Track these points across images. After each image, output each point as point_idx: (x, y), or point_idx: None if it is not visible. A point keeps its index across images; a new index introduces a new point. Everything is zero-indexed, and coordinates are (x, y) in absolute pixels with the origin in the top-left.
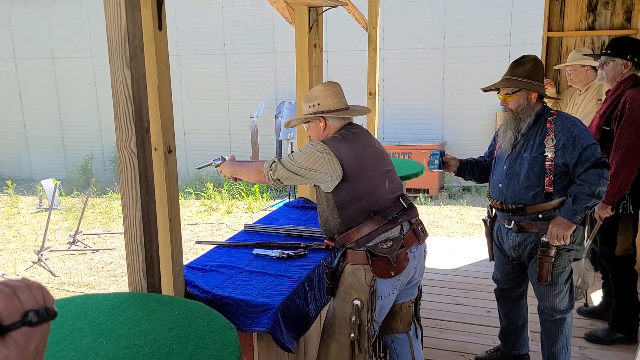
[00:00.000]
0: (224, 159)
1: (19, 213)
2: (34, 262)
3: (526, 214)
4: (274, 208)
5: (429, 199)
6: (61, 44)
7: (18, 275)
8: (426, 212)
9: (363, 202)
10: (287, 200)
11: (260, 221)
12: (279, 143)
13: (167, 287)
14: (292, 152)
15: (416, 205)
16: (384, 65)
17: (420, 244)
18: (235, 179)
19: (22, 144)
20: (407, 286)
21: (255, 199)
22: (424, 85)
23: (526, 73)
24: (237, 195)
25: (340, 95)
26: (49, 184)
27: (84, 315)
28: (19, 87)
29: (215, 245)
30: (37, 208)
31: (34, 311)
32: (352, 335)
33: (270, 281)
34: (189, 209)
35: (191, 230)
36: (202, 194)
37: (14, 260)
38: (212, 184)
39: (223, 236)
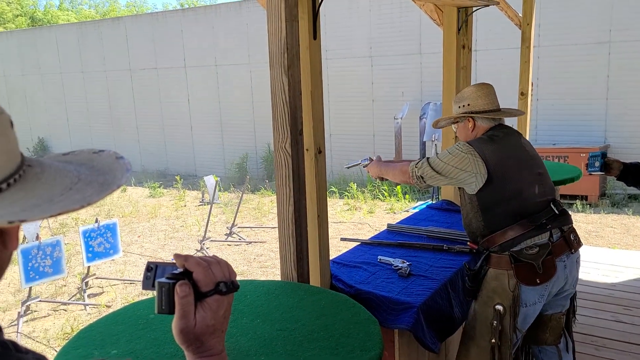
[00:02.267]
0: (371, 160)
1: (185, 206)
2: (197, 250)
3: None
4: (417, 210)
5: (588, 206)
6: (223, 53)
7: None
8: (583, 221)
9: (509, 205)
10: (430, 202)
11: (403, 222)
12: (423, 145)
13: (315, 278)
14: (437, 153)
15: (572, 213)
16: (539, 64)
17: (572, 253)
18: (381, 179)
19: (189, 144)
20: (558, 297)
21: (398, 200)
22: (585, 83)
23: None
24: (380, 196)
25: (492, 96)
26: (210, 180)
27: (244, 298)
28: (188, 92)
29: (358, 243)
30: (200, 202)
31: (223, 282)
32: (493, 340)
33: (412, 280)
34: (333, 208)
35: (335, 228)
36: (346, 193)
37: (182, 248)
38: (355, 183)
39: (365, 235)
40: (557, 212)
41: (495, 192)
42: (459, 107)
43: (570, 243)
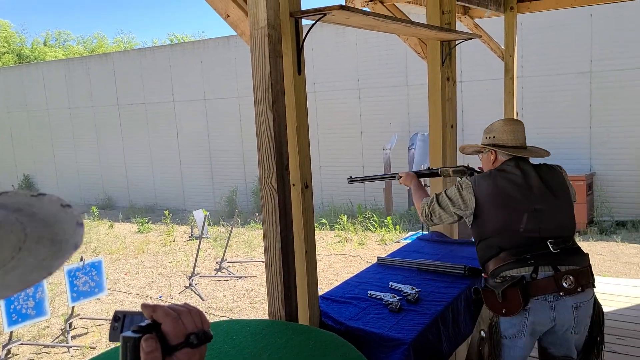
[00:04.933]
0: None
1: (174, 241)
2: (185, 287)
3: None
4: (408, 241)
5: (577, 234)
6: (212, 87)
7: (172, 298)
8: None
9: (491, 238)
10: (421, 233)
11: (393, 254)
12: None
13: (303, 316)
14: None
15: None
16: (523, 94)
17: (563, 295)
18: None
19: (177, 178)
20: (552, 336)
21: (389, 231)
22: (568, 112)
23: None
24: (371, 227)
25: (518, 133)
26: (199, 215)
27: (230, 340)
28: (176, 126)
29: (347, 278)
30: (189, 236)
31: (194, 334)
32: None
33: (403, 315)
34: (324, 240)
35: (326, 260)
36: (337, 225)
37: (170, 285)
38: (345, 215)
39: (357, 267)
40: (552, 250)
41: (481, 226)
42: (486, 137)
43: (560, 285)
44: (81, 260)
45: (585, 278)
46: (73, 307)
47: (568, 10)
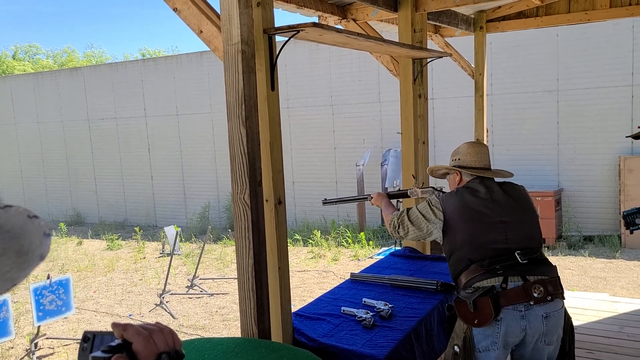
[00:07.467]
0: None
1: (144, 258)
2: (156, 305)
3: None
4: (381, 257)
5: (546, 249)
6: (185, 102)
7: (143, 316)
8: None
9: (460, 252)
10: (393, 249)
11: (366, 270)
12: (385, 191)
13: (276, 333)
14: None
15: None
16: (493, 111)
17: (533, 305)
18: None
19: (149, 194)
20: (524, 349)
21: (362, 247)
22: (537, 130)
23: None
24: (344, 243)
25: (482, 155)
26: (171, 231)
27: (202, 358)
28: (148, 142)
29: (321, 294)
30: (160, 253)
31: (166, 353)
32: None
33: (376, 331)
34: (297, 256)
35: (299, 277)
36: (310, 241)
37: (140, 302)
38: (319, 231)
39: (330, 284)
40: (520, 260)
41: (451, 240)
42: (452, 160)
43: (530, 294)
44: (48, 278)
45: (554, 287)
46: (39, 327)
47: (535, 31)
